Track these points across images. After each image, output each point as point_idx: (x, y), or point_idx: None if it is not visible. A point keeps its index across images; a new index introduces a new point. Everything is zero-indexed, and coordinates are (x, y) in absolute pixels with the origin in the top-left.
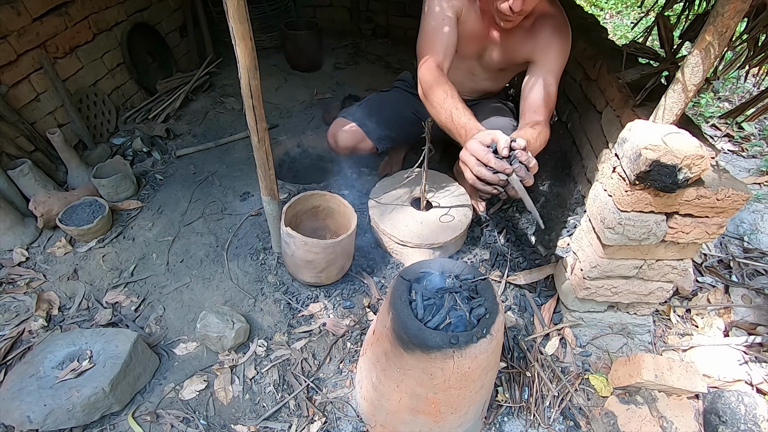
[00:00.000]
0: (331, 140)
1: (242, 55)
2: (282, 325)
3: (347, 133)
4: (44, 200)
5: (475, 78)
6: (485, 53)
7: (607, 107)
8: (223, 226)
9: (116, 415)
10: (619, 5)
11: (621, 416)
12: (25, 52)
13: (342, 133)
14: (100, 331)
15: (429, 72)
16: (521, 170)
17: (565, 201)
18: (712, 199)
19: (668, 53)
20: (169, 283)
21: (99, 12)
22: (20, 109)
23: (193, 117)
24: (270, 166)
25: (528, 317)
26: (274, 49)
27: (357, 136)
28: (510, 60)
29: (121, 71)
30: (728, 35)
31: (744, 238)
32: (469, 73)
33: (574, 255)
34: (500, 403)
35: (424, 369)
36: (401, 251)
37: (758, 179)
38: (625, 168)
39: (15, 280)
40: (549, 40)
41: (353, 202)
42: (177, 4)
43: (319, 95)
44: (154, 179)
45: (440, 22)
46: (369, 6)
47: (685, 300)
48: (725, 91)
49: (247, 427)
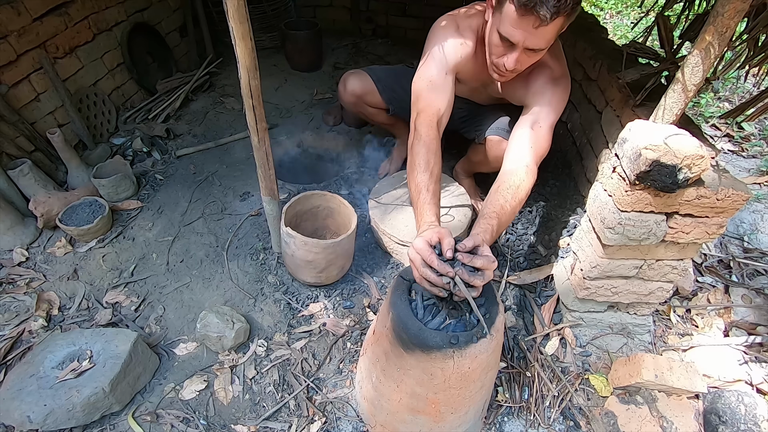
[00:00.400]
0: (340, 86)
1: (242, 55)
2: (282, 325)
3: (358, 79)
4: (44, 200)
5: (480, 97)
6: (488, 87)
7: (607, 107)
8: (223, 226)
9: (116, 415)
10: (619, 5)
11: (621, 416)
12: (25, 52)
13: (353, 77)
14: (100, 331)
15: (427, 128)
16: (464, 273)
17: (565, 201)
18: (712, 199)
19: (668, 53)
20: (169, 283)
21: (99, 12)
22: (20, 109)
23: (193, 117)
24: (270, 166)
25: (528, 317)
26: (274, 49)
27: (367, 86)
28: (508, 98)
29: (121, 71)
30: (728, 35)
31: (744, 238)
32: (474, 93)
33: (574, 255)
34: (500, 403)
35: (424, 369)
36: (401, 251)
37: (758, 179)
38: (625, 168)
39: (15, 280)
40: (542, 89)
41: (353, 202)
42: (177, 4)
43: (319, 95)
44: (154, 179)
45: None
46: (369, 6)
47: (685, 300)
48: (725, 91)
49: (247, 427)
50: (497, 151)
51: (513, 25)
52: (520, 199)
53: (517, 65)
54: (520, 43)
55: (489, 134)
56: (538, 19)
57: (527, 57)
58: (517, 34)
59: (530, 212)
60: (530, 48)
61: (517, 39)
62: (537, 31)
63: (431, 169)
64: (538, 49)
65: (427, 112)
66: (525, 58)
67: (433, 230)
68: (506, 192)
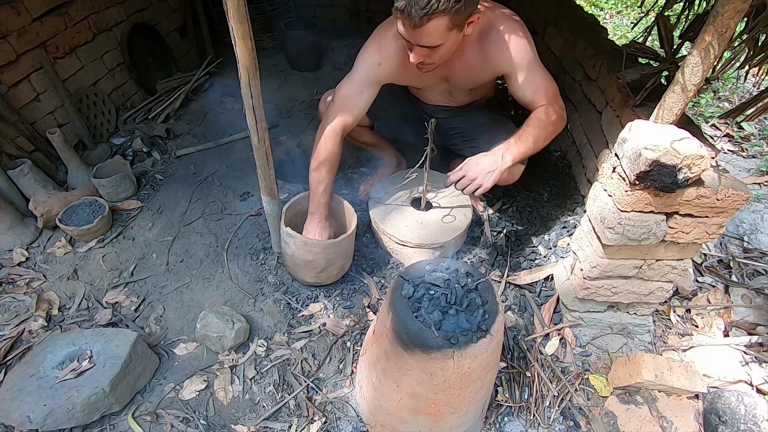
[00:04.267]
0: (321, 106)
1: (242, 55)
2: (282, 325)
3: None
4: (44, 200)
5: (454, 95)
6: (450, 79)
7: (607, 107)
8: (223, 226)
9: (116, 415)
10: (619, 5)
11: (621, 416)
12: (25, 52)
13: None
14: (100, 331)
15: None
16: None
17: (565, 201)
18: (712, 199)
19: (668, 53)
20: (169, 283)
21: (99, 12)
22: (20, 109)
23: (193, 117)
24: (270, 166)
25: (528, 317)
26: (274, 49)
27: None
28: (477, 81)
29: (121, 71)
30: (728, 35)
31: (744, 238)
32: (446, 92)
33: (574, 255)
34: (500, 403)
35: (424, 369)
36: (401, 251)
37: (758, 179)
38: (625, 168)
39: (15, 280)
40: (501, 51)
41: (353, 202)
42: (177, 4)
43: (319, 95)
44: (154, 179)
45: (354, 94)
46: (369, 6)
47: (685, 300)
48: (725, 91)
49: (247, 427)
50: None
51: (400, 26)
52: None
53: (421, 59)
54: (412, 41)
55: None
56: (412, 22)
57: (430, 51)
58: (405, 34)
59: (530, 212)
60: (423, 45)
61: (408, 38)
62: (419, 31)
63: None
64: (430, 45)
65: (333, 123)
66: (428, 52)
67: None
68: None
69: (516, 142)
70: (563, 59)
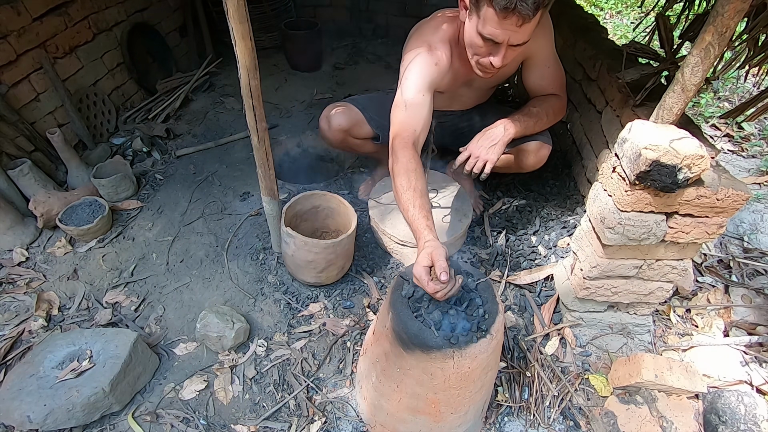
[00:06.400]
0: (323, 123)
1: (242, 55)
2: (282, 325)
3: (344, 114)
4: (44, 200)
5: (463, 98)
6: (474, 82)
7: (607, 107)
8: (223, 226)
9: (116, 415)
10: (619, 5)
11: (621, 416)
12: (25, 52)
13: (337, 113)
14: (100, 331)
15: (403, 149)
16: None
17: (565, 201)
18: (712, 199)
19: (668, 53)
20: (169, 283)
21: (99, 12)
22: (20, 109)
23: (193, 117)
24: (270, 166)
25: (528, 317)
26: (274, 49)
27: (354, 118)
28: (504, 76)
29: (121, 71)
30: (728, 35)
31: (744, 238)
32: (457, 96)
33: (574, 255)
34: (500, 403)
35: (424, 369)
36: (401, 251)
37: (758, 179)
38: (625, 168)
39: (15, 280)
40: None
41: (353, 202)
42: (177, 4)
43: (319, 95)
44: (154, 179)
45: (420, 98)
46: (369, 6)
47: (685, 300)
48: (725, 91)
49: (247, 427)
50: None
51: (495, 26)
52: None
53: (508, 60)
54: (505, 41)
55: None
56: (521, 18)
57: (512, 52)
58: (501, 34)
59: (530, 212)
60: (515, 44)
61: (501, 39)
62: (521, 29)
63: (413, 186)
64: (523, 43)
65: (402, 135)
66: (511, 53)
67: (427, 251)
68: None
69: (519, 118)
70: (563, 59)
